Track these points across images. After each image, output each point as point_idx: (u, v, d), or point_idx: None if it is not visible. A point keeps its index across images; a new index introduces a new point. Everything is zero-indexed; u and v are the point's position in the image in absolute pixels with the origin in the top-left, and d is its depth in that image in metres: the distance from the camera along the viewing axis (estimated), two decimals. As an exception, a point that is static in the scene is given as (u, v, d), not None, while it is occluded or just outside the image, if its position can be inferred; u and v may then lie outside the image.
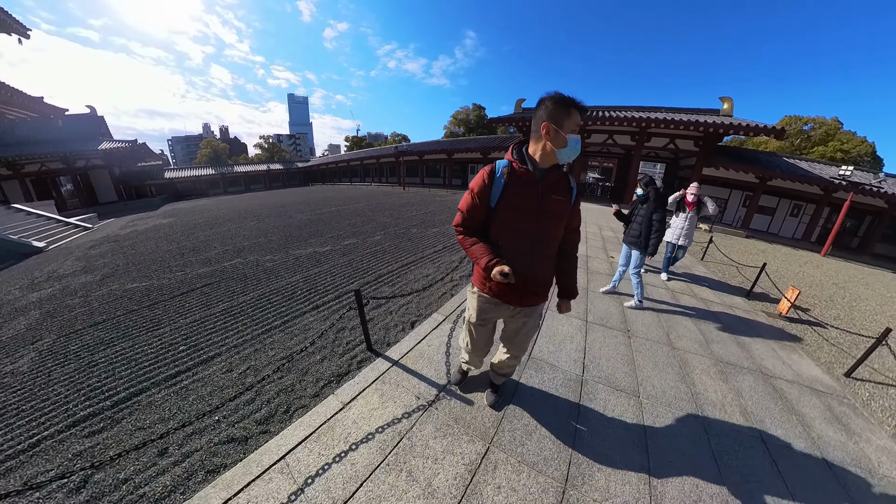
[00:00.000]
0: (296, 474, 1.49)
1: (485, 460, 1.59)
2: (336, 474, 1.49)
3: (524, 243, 1.38)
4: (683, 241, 4.74)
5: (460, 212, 1.44)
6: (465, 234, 1.44)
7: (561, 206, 1.38)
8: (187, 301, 3.77)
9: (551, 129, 1.22)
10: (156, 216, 12.73)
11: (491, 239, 1.41)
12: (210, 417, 1.93)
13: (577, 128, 1.24)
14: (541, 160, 1.31)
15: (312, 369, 2.34)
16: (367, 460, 1.56)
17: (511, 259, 1.33)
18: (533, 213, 1.34)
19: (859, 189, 10.91)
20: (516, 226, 1.36)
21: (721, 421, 2.10)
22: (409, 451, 1.60)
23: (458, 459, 1.58)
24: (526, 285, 1.43)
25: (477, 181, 1.37)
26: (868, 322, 4.68)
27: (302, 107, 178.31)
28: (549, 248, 1.45)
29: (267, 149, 43.28)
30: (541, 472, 1.58)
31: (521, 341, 1.67)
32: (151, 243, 7.22)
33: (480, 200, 1.37)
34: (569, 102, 1.21)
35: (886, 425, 2.38)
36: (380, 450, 1.61)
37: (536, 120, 1.27)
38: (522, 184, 1.32)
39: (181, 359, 2.60)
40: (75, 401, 2.19)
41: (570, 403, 2.09)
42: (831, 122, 23.10)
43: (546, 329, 3.03)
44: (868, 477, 1.85)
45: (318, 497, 1.39)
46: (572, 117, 1.22)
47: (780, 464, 1.84)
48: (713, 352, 2.91)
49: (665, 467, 1.72)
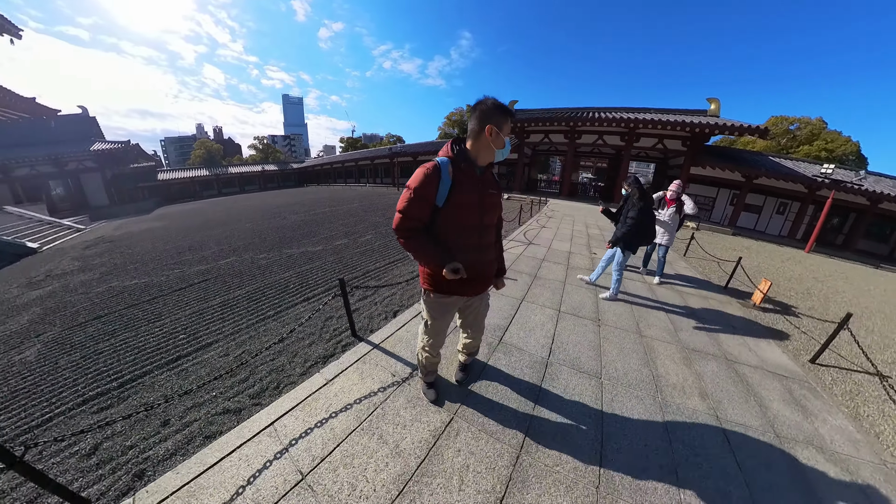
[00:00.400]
0: (282, 437, 1.68)
1: (448, 428, 1.75)
2: (317, 437, 1.68)
3: (472, 237, 1.44)
4: (661, 239, 4.57)
5: (402, 215, 1.34)
6: (410, 236, 1.37)
7: (496, 199, 1.50)
8: (185, 295, 3.91)
9: (494, 131, 1.31)
10: (149, 219, 12.71)
11: (438, 237, 1.40)
12: (208, 393, 2.13)
13: (510, 132, 1.38)
14: (481, 159, 1.39)
15: (301, 352, 2.54)
16: (344, 425, 1.74)
17: (462, 254, 1.39)
18: (477, 207, 1.42)
19: (841, 187, 11.14)
20: (464, 221, 1.41)
21: (678, 401, 2.16)
22: (381, 419, 1.78)
23: (425, 426, 1.74)
24: (480, 274, 1.52)
25: (420, 181, 1.31)
26: (842, 312, 4.77)
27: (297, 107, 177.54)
28: (492, 236, 1.57)
29: (261, 150, 43.09)
30: (498, 439, 1.71)
31: (480, 323, 1.83)
32: (146, 244, 7.30)
33: (426, 200, 1.33)
34: (506, 109, 1.33)
35: (844, 407, 2.45)
36: (356, 417, 1.79)
37: (478, 122, 1.34)
38: (467, 181, 1.38)
39: (181, 345, 2.79)
40: (83, 383, 2.36)
41: (532, 383, 2.20)
42: (816, 122, 23.56)
43: (519, 317, 3.09)
44: (818, 453, 1.91)
45: (300, 454, 1.58)
46: (508, 122, 1.34)
47: (731, 439, 1.89)
48: (681, 339, 2.98)
49: (617, 438, 1.81)
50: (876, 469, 1.87)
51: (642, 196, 3.47)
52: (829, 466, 1.82)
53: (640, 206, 3.43)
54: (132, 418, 1.92)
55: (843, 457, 1.92)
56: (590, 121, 13.87)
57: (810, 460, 1.85)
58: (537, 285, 3.99)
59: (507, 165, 19.23)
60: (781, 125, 24.18)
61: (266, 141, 44.34)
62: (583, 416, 1.95)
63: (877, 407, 2.57)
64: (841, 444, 2.02)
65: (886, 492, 1.71)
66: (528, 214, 10.25)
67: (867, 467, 1.86)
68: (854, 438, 2.11)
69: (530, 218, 9.68)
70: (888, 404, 2.58)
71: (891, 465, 1.93)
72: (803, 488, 1.66)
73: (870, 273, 9.06)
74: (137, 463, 1.64)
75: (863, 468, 1.85)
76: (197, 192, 26.75)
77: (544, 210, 11.64)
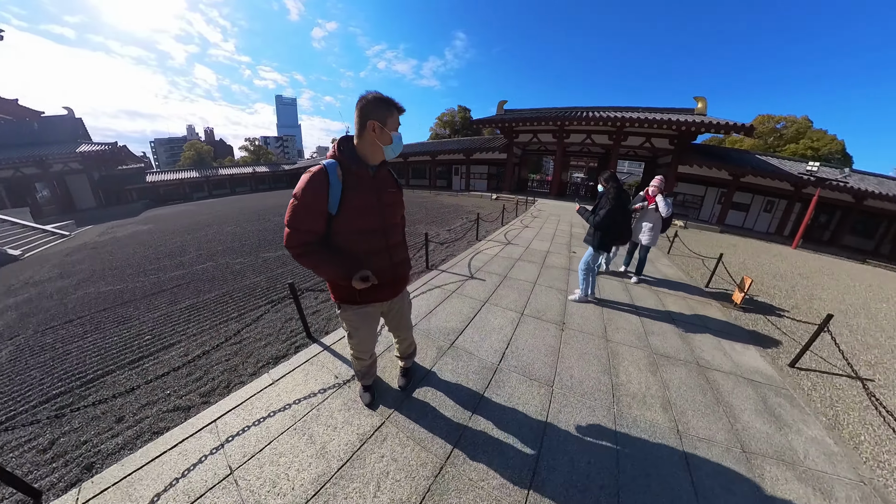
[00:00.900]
0: (221, 434, 1.75)
1: (377, 433, 1.74)
2: (252, 434, 1.74)
3: (378, 240, 1.37)
4: (643, 238, 4.28)
5: (292, 229, 1.21)
6: (305, 251, 1.23)
7: (395, 197, 1.45)
8: (157, 300, 4.03)
9: (377, 126, 1.23)
10: (136, 222, 12.47)
11: (338, 247, 1.29)
12: (163, 391, 2.23)
13: (398, 125, 1.29)
14: (372, 157, 1.30)
15: (256, 353, 2.61)
16: (279, 424, 1.79)
17: (369, 259, 1.34)
18: (376, 209, 1.34)
19: (826, 184, 11.11)
20: (365, 226, 1.32)
21: (636, 413, 1.95)
22: (315, 420, 1.81)
23: (354, 430, 1.75)
24: (394, 276, 1.48)
25: (307, 190, 1.18)
26: (826, 310, 4.62)
27: (290, 108, 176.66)
28: (399, 234, 1.52)
29: (253, 151, 42.43)
30: (425, 448, 1.66)
31: (405, 322, 1.80)
32: (129, 249, 7.30)
33: (316, 209, 1.21)
34: (389, 102, 1.24)
35: (823, 416, 2.25)
36: (292, 417, 1.84)
37: (359, 119, 1.24)
38: (360, 182, 1.29)
39: (145, 346, 2.89)
40: (49, 383, 2.46)
41: (475, 390, 2.07)
42: (802, 121, 23.74)
43: (478, 320, 2.90)
44: (788, 470, 1.70)
45: (234, 451, 1.65)
46: (393, 115, 1.26)
47: (690, 456, 1.68)
48: (650, 344, 2.77)
49: (557, 454, 1.65)
50: (853, 487, 1.66)
51: (618, 193, 3.23)
52: (799, 487, 1.61)
53: (613, 203, 3.19)
54: (89, 415, 2.04)
55: (817, 474, 1.71)
56: (577, 120, 13.77)
57: (779, 479, 1.64)
58: (505, 286, 3.78)
59: (497, 166, 19.10)
60: (768, 124, 24.35)
61: (258, 142, 43.71)
62: (523, 428, 1.78)
63: (857, 414, 2.37)
64: (815, 459, 1.81)
65: (861, 515, 1.51)
66: (514, 214, 10.07)
67: (842, 486, 1.66)
68: (830, 451, 1.90)
69: (514, 218, 9.49)
70: (870, 411, 2.39)
71: (869, 483, 1.73)
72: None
73: (856, 269, 8.98)
74: (89, 457, 1.73)
75: (837, 487, 1.65)
76: (187, 193, 26.33)
77: (531, 210, 11.48)
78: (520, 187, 20.49)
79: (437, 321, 2.85)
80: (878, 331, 4.25)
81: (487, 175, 19.83)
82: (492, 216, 8.66)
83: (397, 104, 1.27)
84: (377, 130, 1.24)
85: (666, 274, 4.99)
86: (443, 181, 22.10)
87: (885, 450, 2.05)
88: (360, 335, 1.59)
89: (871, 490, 1.67)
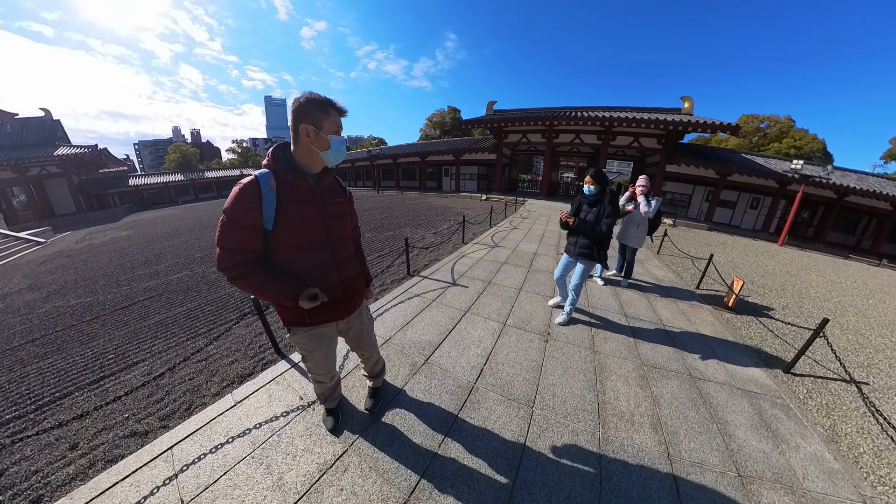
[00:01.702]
0: (176, 462, 1.63)
1: (338, 462, 1.61)
2: (208, 463, 1.61)
3: (324, 255, 1.26)
4: (630, 241, 4.11)
5: (223, 249, 1.08)
6: (242, 273, 1.10)
7: (342, 207, 1.34)
8: (126, 314, 3.84)
9: (310, 130, 1.11)
10: (116, 228, 12.08)
11: (280, 265, 1.18)
12: (121, 415, 2.09)
13: (338, 129, 1.16)
14: (310, 165, 1.18)
15: (222, 371, 2.46)
16: (237, 452, 1.66)
17: (316, 275, 1.24)
18: (319, 221, 1.23)
19: (810, 181, 11.27)
20: (307, 240, 1.21)
21: (623, 436, 1.79)
22: (275, 447, 1.69)
23: (314, 459, 1.62)
24: (346, 292, 1.38)
25: (236, 204, 1.06)
26: (816, 309, 4.59)
27: (280, 109, 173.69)
28: (349, 248, 1.41)
29: (241, 153, 41.52)
30: (388, 480, 1.52)
31: (368, 339, 1.67)
32: (104, 257, 7.01)
33: (251, 226, 1.09)
34: (325, 103, 1.13)
35: (820, 427, 2.13)
36: (251, 443, 1.71)
37: (293, 122, 1.13)
38: (299, 193, 1.16)
39: (108, 366, 2.74)
40: (3, 407, 2.30)
41: (448, 411, 1.91)
42: (785, 121, 24.28)
43: (457, 332, 2.71)
44: (787, 495, 1.55)
45: (188, 482, 1.53)
46: (331, 118, 1.14)
47: (681, 485, 1.52)
48: (640, 354, 2.61)
49: (533, 486, 1.48)
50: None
51: (614, 196, 2.81)
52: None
53: (611, 207, 2.71)
54: (42, 442, 1.91)
55: (818, 497, 1.57)
56: (566, 119, 13.75)
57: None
58: (489, 293, 3.59)
59: (487, 166, 19.01)
60: (752, 123, 24.82)
61: (246, 144, 42.93)
62: (497, 456, 1.62)
63: (855, 422, 2.25)
64: (815, 479, 1.67)
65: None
66: (503, 215, 9.94)
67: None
68: (830, 469, 1.77)
69: (504, 219, 9.35)
70: (867, 418, 2.28)
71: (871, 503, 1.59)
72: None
73: (840, 264, 9.09)
74: (38, 489, 1.62)
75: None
76: (172, 197, 25.74)
77: (520, 210, 11.37)
78: (510, 188, 20.42)
79: (413, 334, 2.66)
80: (868, 329, 4.20)
81: (477, 176, 19.72)
82: (480, 217, 8.50)
83: (336, 105, 1.15)
84: (311, 135, 1.11)
85: (657, 276, 4.88)
86: (433, 182, 21.92)
87: (884, 462, 1.93)
88: (316, 358, 1.46)
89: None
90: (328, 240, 1.27)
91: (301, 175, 1.16)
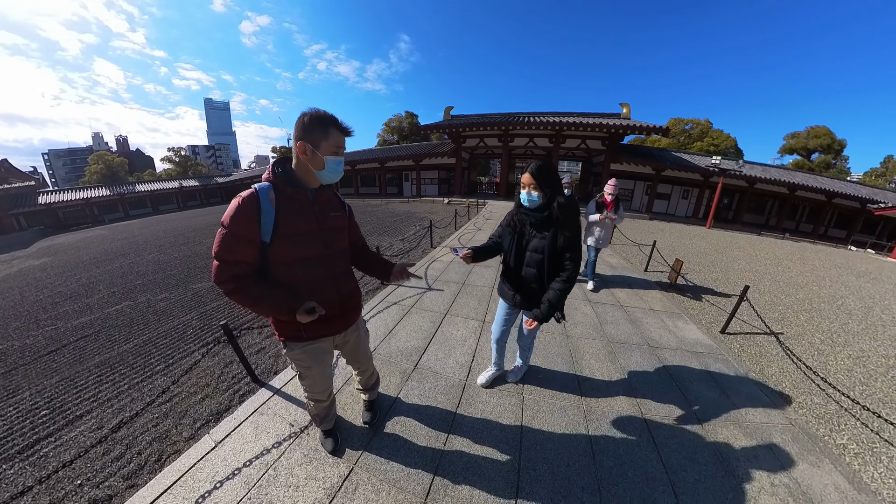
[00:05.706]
0: None
1: (346, 482, 1.54)
2: None
3: (321, 269, 1.24)
4: (596, 243, 4.04)
5: (221, 262, 1.06)
6: (239, 287, 1.08)
7: (340, 222, 1.32)
8: (56, 359, 3.24)
9: (308, 148, 1.09)
10: (26, 256, 10.01)
11: (277, 279, 1.16)
12: (72, 483, 1.74)
13: (338, 149, 1.13)
14: (308, 181, 1.17)
15: (191, 410, 2.19)
16: (230, 497, 1.49)
17: (314, 290, 1.21)
18: (317, 236, 1.21)
19: (727, 173, 13.14)
20: (305, 254, 1.18)
21: (603, 404, 2.01)
22: (272, 482, 1.55)
23: (320, 485, 1.53)
24: (343, 307, 1.35)
25: (236, 217, 1.05)
26: (740, 278, 5.39)
27: (222, 113, 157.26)
28: (346, 263, 1.39)
29: (178, 162, 36.83)
30: (401, 489, 1.50)
31: (364, 352, 1.64)
32: (14, 294, 5.75)
33: (248, 239, 1.07)
34: (327, 121, 1.09)
35: (752, 372, 2.54)
36: (245, 484, 1.55)
37: (294, 139, 1.12)
38: (298, 207, 1.16)
39: (42, 425, 2.29)
40: None
41: (447, 410, 1.94)
42: (705, 122, 27.95)
43: (440, 335, 2.78)
44: (736, 428, 1.88)
45: None
46: (330, 138, 1.10)
47: (657, 436, 1.76)
48: (606, 334, 2.91)
49: (536, 463, 1.60)
50: (784, 430, 1.91)
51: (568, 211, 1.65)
52: (746, 440, 1.80)
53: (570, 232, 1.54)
54: None
55: (759, 425, 1.93)
56: (520, 124, 14.56)
57: (731, 440, 1.79)
58: (465, 294, 3.73)
59: (447, 170, 19.36)
60: (678, 125, 28.19)
61: (184, 152, 38.55)
62: (500, 442, 1.71)
63: (777, 365, 2.73)
64: (755, 413, 2.04)
65: (792, 451, 1.75)
66: (466, 217, 10.22)
67: (778, 432, 1.89)
68: (764, 401, 2.17)
69: (468, 221, 9.63)
70: (785, 360, 2.77)
71: (795, 423, 1.98)
72: (725, 474, 1.58)
73: (755, 240, 10.72)
74: None
75: (774, 434, 1.87)
76: (96, 216, 22.08)
77: (482, 212, 11.76)
78: (470, 190, 20.99)
79: (397, 342, 2.68)
80: (779, 290, 5.02)
81: (438, 180, 19.98)
82: (444, 221, 8.66)
83: (340, 124, 1.11)
84: (308, 153, 1.10)
85: (611, 263, 5.39)
86: (393, 188, 21.76)
87: (801, 391, 2.39)
88: (313, 375, 1.40)
89: (801, 431, 1.92)
90: (326, 254, 1.25)
91: (300, 189, 1.15)
